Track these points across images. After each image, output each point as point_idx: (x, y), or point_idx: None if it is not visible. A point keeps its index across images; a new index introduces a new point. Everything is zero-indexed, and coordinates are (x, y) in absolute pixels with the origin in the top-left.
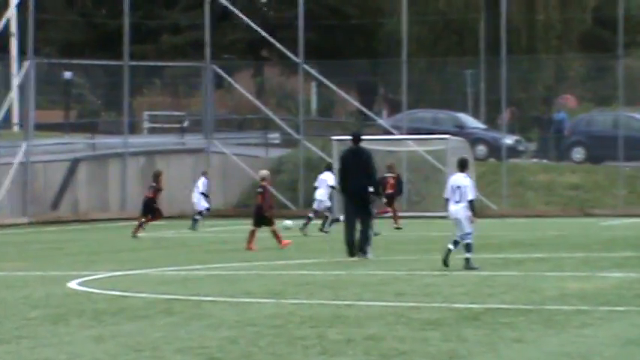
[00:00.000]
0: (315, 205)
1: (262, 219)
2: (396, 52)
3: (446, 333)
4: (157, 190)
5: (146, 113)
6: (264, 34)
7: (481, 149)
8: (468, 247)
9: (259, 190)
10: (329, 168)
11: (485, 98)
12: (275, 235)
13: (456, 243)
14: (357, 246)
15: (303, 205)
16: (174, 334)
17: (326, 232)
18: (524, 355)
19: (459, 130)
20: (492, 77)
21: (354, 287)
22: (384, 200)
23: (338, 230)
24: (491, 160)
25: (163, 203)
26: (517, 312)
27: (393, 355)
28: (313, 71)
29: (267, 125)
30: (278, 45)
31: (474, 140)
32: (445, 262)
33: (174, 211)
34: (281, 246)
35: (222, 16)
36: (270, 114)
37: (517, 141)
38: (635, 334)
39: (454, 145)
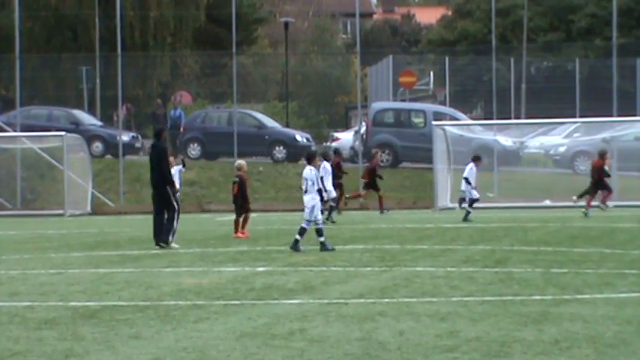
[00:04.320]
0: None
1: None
2: (8, 48)
3: (62, 332)
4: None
5: None
6: None
7: (98, 146)
8: (302, 231)
9: (235, 179)
10: (326, 157)
11: (101, 95)
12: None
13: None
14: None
15: None
16: None
17: (333, 221)
18: (141, 351)
19: (75, 127)
20: (108, 74)
21: None
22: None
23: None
24: (109, 156)
25: None
26: (134, 308)
27: (7, 356)
28: None
29: None
30: None
31: (90, 137)
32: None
33: None
34: (235, 235)
35: None
36: None
37: (133, 137)
38: (249, 327)
39: (70, 143)
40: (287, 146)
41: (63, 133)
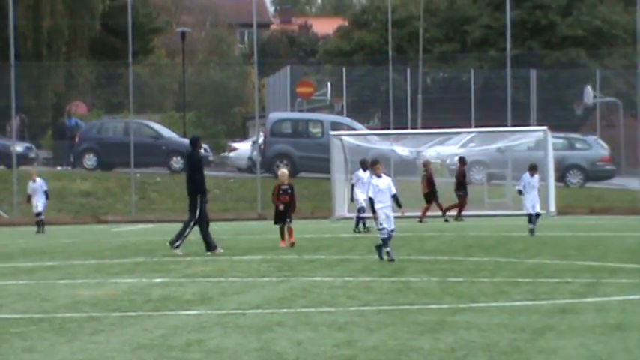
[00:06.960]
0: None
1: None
2: None
3: None
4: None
5: None
6: None
7: None
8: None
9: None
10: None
11: None
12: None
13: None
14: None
15: None
16: None
17: (364, 232)
18: None
19: None
20: (1, 84)
21: None
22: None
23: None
24: (2, 167)
25: None
26: (29, 321)
27: None
28: None
29: None
30: None
31: None
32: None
33: None
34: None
35: None
36: None
37: (28, 148)
38: (146, 339)
39: None
40: (184, 157)
41: None
